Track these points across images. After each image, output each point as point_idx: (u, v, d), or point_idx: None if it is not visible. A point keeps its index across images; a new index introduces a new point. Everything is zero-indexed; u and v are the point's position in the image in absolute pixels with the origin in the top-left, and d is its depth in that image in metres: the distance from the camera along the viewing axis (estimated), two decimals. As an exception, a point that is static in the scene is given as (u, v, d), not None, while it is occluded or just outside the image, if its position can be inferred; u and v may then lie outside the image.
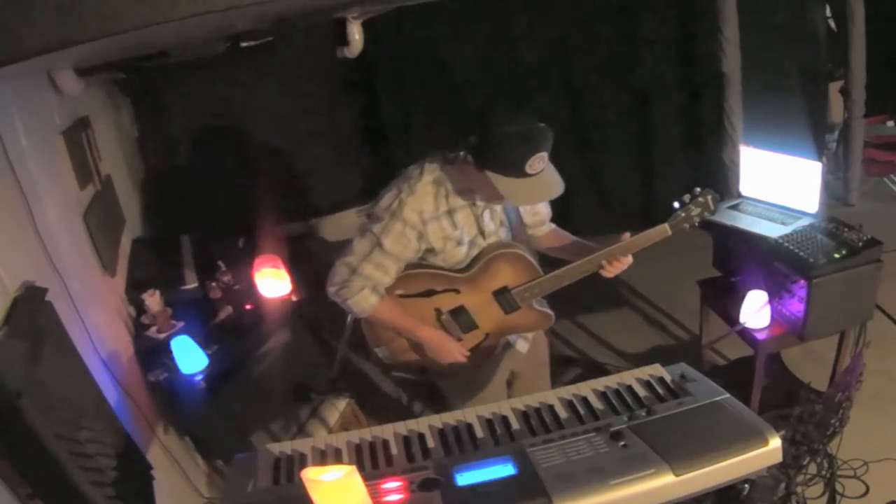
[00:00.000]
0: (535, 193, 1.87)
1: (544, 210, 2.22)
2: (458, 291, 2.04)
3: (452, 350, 2.08)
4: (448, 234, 1.96)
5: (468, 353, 2.10)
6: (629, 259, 1.98)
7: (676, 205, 1.97)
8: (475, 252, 2.04)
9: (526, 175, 1.76)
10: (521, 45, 4.57)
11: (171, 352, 2.39)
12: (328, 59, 3.65)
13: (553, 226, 2.27)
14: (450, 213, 1.94)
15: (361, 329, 2.17)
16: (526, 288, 2.04)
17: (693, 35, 4.46)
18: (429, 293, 2.05)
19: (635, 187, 4.85)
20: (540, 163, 1.77)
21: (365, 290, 1.95)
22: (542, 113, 1.81)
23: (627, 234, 1.96)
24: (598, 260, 1.97)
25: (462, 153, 1.82)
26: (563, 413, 1.61)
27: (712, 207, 1.97)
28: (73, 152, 2.64)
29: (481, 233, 2.02)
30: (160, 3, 1.07)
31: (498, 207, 2.06)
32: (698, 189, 1.97)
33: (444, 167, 1.93)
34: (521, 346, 2.28)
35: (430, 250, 1.98)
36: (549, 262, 2.13)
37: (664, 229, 1.96)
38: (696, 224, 1.99)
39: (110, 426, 1.86)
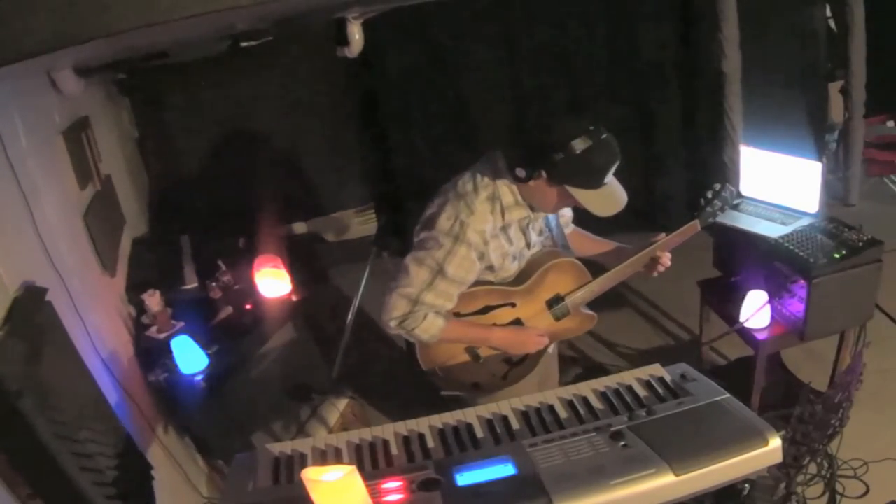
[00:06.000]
0: (612, 203, 1.81)
1: (568, 212, 2.20)
2: (513, 305, 2.01)
3: (533, 338, 2.03)
4: (505, 251, 1.93)
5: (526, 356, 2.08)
6: (669, 256, 2.03)
7: (702, 201, 2.06)
8: (523, 265, 2.03)
9: (603, 185, 1.77)
10: (522, 44, 4.57)
11: (171, 352, 2.40)
12: (328, 60, 3.65)
13: (573, 226, 2.28)
14: (504, 228, 1.91)
15: (414, 353, 2.04)
16: (578, 294, 2.05)
17: (693, 35, 4.47)
18: (485, 310, 2.00)
19: (635, 187, 4.82)
20: (612, 171, 1.79)
21: (429, 315, 1.88)
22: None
23: (663, 234, 2.01)
24: (643, 259, 2.02)
25: (535, 170, 1.77)
26: (563, 413, 1.61)
27: (732, 202, 2.08)
28: (73, 152, 2.64)
29: (527, 245, 2.01)
30: (160, 3, 1.07)
31: (541, 217, 2.03)
32: (717, 185, 2.06)
33: (497, 181, 1.85)
34: (552, 348, 2.28)
35: (489, 268, 1.94)
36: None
37: (695, 225, 2.04)
38: (717, 218, 2.08)
39: (110, 426, 1.86)
